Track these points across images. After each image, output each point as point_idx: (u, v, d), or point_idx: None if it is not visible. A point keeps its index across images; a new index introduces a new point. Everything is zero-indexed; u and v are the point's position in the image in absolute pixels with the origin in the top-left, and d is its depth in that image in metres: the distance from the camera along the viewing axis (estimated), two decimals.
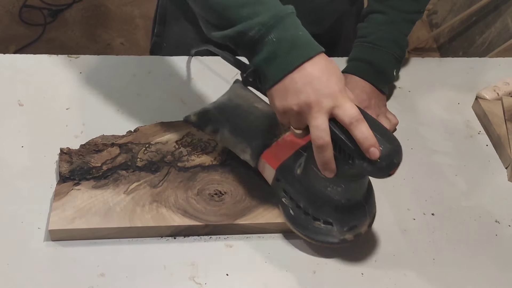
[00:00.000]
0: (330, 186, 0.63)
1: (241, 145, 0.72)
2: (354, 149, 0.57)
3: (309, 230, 0.66)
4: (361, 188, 0.65)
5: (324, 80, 0.57)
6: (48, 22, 2.29)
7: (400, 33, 0.87)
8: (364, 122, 0.56)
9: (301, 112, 0.57)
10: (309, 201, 0.65)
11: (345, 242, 0.65)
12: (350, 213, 0.65)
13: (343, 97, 0.57)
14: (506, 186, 0.80)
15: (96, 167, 0.71)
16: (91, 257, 0.64)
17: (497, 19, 2.13)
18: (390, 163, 0.57)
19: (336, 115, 0.57)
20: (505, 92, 0.92)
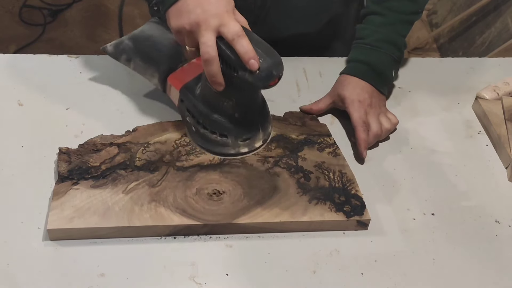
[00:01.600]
0: (223, 100, 0.69)
1: (150, 70, 0.80)
2: (236, 62, 0.63)
3: (208, 143, 0.72)
4: (253, 104, 0.71)
5: (212, 2, 0.64)
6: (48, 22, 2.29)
7: (398, 34, 0.88)
8: (245, 38, 0.63)
9: (192, 30, 0.64)
10: (207, 116, 0.71)
11: (240, 154, 0.72)
12: (244, 126, 0.71)
13: (228, 17, 0.64)
14: (506, 186, 0.80)
15: (94, 167, 0.71)
16: (91, 257, 0.64)
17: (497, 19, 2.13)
18: (269, 74, 0.64)
19: (222, 33, 0.63)
20: (505, 92, 0.92)
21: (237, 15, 0.66)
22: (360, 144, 0.79)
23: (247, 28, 0.66)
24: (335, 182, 0.74)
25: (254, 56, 0.62)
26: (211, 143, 0.72)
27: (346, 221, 0.69)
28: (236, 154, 0.72)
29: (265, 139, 0.73)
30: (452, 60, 1.05)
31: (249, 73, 0.63)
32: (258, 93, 0.71)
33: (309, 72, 0.96)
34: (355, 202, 0.71)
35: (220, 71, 0.65)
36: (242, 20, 0.67)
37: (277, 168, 0.75)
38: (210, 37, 0.63)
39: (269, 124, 0.74)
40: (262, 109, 0.73)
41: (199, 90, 0.73)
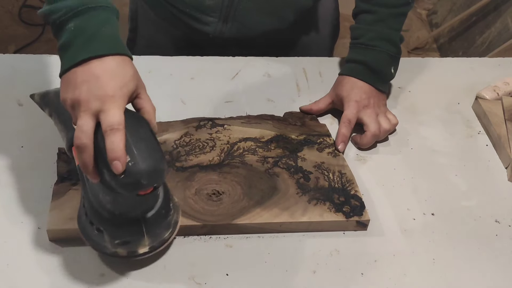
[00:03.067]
0: (101, 193, 0.59)
1: (62, 133, 0.69)
2: (102, 158, 0.54)
3: (86, 233, 0.62)
4: (136, 204, 0.60)
5: (101, 82, 0.55)
6: None
7: (391, 29, 0.87)
8: (119, 133, 0.53)
9: (73, 107, 0.56)
10: (89, 205, 0.61)
11: (117, 256, 0.61)
12: (123, 227, 0.61)
13: (112, 103, 0.55)
14: (506, 186, 0.80)
15: None
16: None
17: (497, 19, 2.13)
18: (135, 182, 0.54)
19: (100, 120, 0.55)
20: (505, 92, 0.92)
21: (142, 101, 0.59)
22: (337, 138, 0.81)
23: (149, 118, 0.59)
24: (334, 183, 0.74)
25: (120, 156, 0.53)
26: (89, 233, 0.62)
27: (345, 222, 0.69)
28: (111, 254, 0.61)
29: (155, 246, 0.62)
30: (452, 60, 1.05)
31: (111, 175, 0.53)
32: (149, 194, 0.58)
33: (309, 72, 0.96)
34: (355, 202, 0.71)
35: (91, 162, 0.55)
36: (147, 108, 0.59)
37: (276, 169, 0.75)
38: (87, 121, 0.54)
39: (164, 229, 0.63)
40: (154, 212, 0.61)
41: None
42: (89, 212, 0.61)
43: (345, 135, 0.81)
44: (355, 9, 0.91)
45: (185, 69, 0.93)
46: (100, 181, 0.56)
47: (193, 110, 0.84)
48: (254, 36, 0.96)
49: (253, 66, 0.96)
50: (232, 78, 0.93)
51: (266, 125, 0.82)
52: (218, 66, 0.94)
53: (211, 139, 0.78)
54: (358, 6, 0.90)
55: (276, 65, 0.97)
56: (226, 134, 0.79)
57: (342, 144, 0.80)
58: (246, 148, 0.77)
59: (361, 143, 0.82)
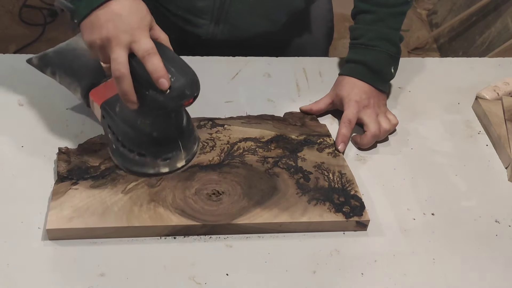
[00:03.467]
0: (140, 119, 0.65)
1: (74, 85, 0.77)
2: (147, 80, 0.60)
3: (127, 162, 0.68)
4: (172, 123, 0.66)
5: (125, 17, 0.61)
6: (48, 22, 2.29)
7: (390, 29, 0.87)
8: (156, 56, 0.59)
9: (103, 46, 0.61)
10: (124, 134, 0.67)
11: (160, 174, 0.67)
12: (163, 145, 0.67)
13: (140, 34, 0.60)
14: (506, 186, 0.80)
15: (94, 167, 0.71)
16: (91, 257, 0.64)
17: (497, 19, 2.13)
18: (180, 93, 0.60)
19: (133, 49, 0.60)
20: (505, 92, 0.92)
21: (156, 31, 0.64)
22: (337, 138, 0.81)
23: (167, 45, 0.64)
24: (334, 183, 0.74)
25: (164, 74, 0.59)
26: (130, 161, 0.67)
27: (345, 222, 0.69)
28: (155, 174, 0.67)
29: (189, 159, 0.68)
30: (452, 60, 1.05)
31: (159, 92, 0.60)
32: (177, 112, 0.66)
33: (309, 72, 0.96)
34: (355, 202, 0.71)
35: (132, 89, 0.61)
36: (162, 36, 0.64)
37: (276, 169, 0.75)
38: (121, 54, 0.60)
39: (193, 144, 0.69)
40: (184, 128, 0.68)
41: (118, 108, 0.69)
42: (127, 142, 0.67)
43: (345, 135, 0.81)
44: (354, 9, 0.91)
45: None
46: (140, 106, 0.62)
47: (193, 110, 0.84)
48: (247, 38, 0.96)
49: (253, 66, 0.96)
50: (232, 78, 0.93)
51: (266, 125, 0.82)
52: (218, 66, 0.94)
53: (211, 139, 0.78)
54: (356, 6, 0.90)
55: (276, 65, 0.97)
56: (226, 134, 0.79)
57: (342, 145, 0.80)
58: (246, 148, 0.77)
59: (361, 143, 0.82)
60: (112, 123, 0.69)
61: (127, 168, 0.68)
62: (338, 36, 1.10)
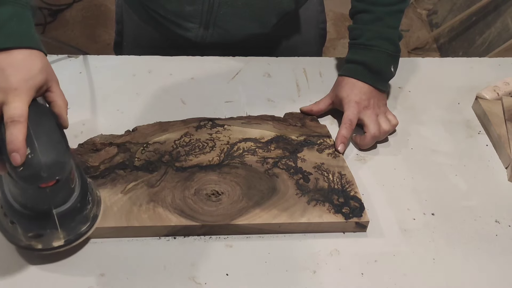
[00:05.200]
0: (11, 186, 0.59)
1: None
2: (5, 150, 0.54)
3: (2, 225, 0.62)
4: (46, 199, 0.58)
5: (6, 74, 0.55)
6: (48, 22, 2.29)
7: (389, 28, 0.87)
8: (19, 125, 0.54)
9: None
10: (3, 196, 0.61)
11: (32, 249, 0.61)
12: (35, 220, 0.60)
13: (16, 96, 0.55)
14: (506, 186, 0.80)
15: (94, 167, 0.71)
16: (91, 257, 0.64)
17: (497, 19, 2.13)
18: (34, 174, 0.54)
19: (3, 112, 0.55)
20: (505, 92, 0.92)
21: (53, 94, 0.59)
22: (337, 139, 0.80)
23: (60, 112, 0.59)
24: (334, 184, 0.74)
25: (19, 148, 0.53)
26: (4, 226, 0.61)
27: (344, 223, 0.69)
28: (27, 247, 0.61)
29: (71, 240, 0.61)
30: (452, 60, 1.05)
31: (11, 167, 0.54)
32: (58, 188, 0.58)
33: (309, 72, 0.96)
34: (354, 203, 0.71)
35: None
36: (59, 102, 0.59)
37: (276, 169, 0.75)
38: None
39: (80, 223, 0.62)
40: (70, 206, 0.60)
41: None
42: (4, 204, 0.61)
43: (345, 136, 0.80)
44: (351, 10, 0.91)
45: (185, 69, 0.93)
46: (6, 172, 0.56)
47: (193, 110, 0.84)
48: (236, 41, 0.95)
49: (253, 66, 0.96)
50: (232, 78, 0.93)
51: (266, 125, 0.82)
52: (218, 66, 0.94)
53: (211, 139, 0.78)
54: (354, 6, 0.90)
55: (276, 65, 0.97)
56: (226, 134, 0.79)
57: (342, 145, 0.80)
58: (246, 148, 0.77)
59: (361, 144, 0.82)
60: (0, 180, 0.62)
61: (2, 231, 0.62)
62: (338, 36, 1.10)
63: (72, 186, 0.61)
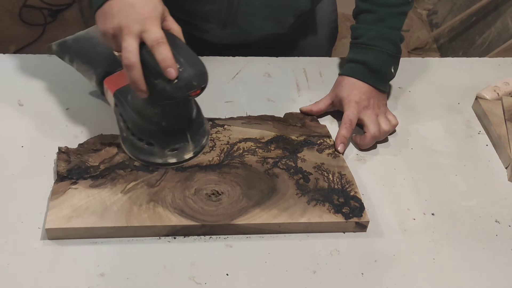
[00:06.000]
0: (149, 108, 0.66)
1: (89, 72, 0.79)
2: (155, 69, 0.61)
3: (136, 150, 0.69)
4: (181, 114, 0.68)
5: (136, 7, 0.62)
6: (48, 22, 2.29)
7: (391, 29, 0.87)
8: (165, 45, 0.61)
9: (115, 35, 0.63)
10: (135, 123, 0.69)
11: (167, 164, 0.69)
12: (171, 136, 0.68)
13: (151, 23, 0.62)
14: (506, 186, 0.80)
15: (93, 166, 0.71)
16: (91, 257, 0.64)
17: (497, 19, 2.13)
18: (188, 84, 0.61)
19: (143, 39, 0.62)
20: (505, 92, 0.92)
21: (169, 22, 0.65)
22: (337, 139, 0.81)
23: (179, 36, 0.65)
24: (334, 184, 0.74)
25: (172, 64, 0.60)
26: (138, 150, 0.69)
27: (344, 223, 0.69)
28: (163, 164, 0.69)
29: (197, 151, 0.70)
30: (452, 60, 1.05)
31: (167, 82, 0.61)
32: (186, 103, 0.68)
33: (309, 72, 0.96)
34: (354, 203, 0.71)
35: (141, 78, 0.62)
36: (175, 27, 0.65)
37: (276, 169, 0.75)
38: (132, 43, 0.61)
39: (202, 136, 0.71)
40: (194, 120, 0.70)
41: (129, 97, 0.70)
42: (136, 131, 0.69)
43: (345, 136, 0.80)
44: (355, 9, 0.91)
45: None
46: (149, 95, 0.63)
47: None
48: (253, 41, 0.96)
49: (253, 66, 0.96)
50: (232, 78, 0.93)
51: (266, 125, 0.82)
52: (218, 66, 0.94)
53: (211, 139, 0.78)
54: (358, 6, 0.90)
55: (276, 65, 0.97)
56: (226, 134, 0.79)
57: (342, 146, 0.80)
58: (246, 148, 0.77)
59: (360, 144, 0.82)
60: (123, 112, 0.70)
61: (136, 156, 0.69)
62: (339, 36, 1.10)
63: (192, 103, 0.69)
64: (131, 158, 0.70)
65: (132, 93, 0.69)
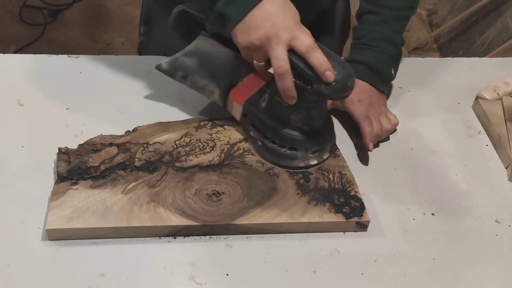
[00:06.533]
0: (293, 114, 0.69)
1: (210, 87, 0.78)
2: (311, 74, 0.63)
3: (277, 157, 0.72)
4: (321, 115, 0.72)
5: (281, 16, 0.63)
6: (48, 22, 2.29)
7: (393, 31, 0.87)
8: (319, 50, 0.62)
9: (262, 45, 0.64)
10: (274, 130, 0.71)
11: (309, 166, 0.73)
12: (312, 138, 0.72)
13: (298, 30, 0.63)
14: (506, 186, 0.80)
15: (94, 167, 0.71)
16: (91, 257, 0.64)
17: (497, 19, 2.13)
18: (344, 85, 0.64)
19: (294, 46, 0.63)
20: (505, 92, 0.92)
21: (303, 28, 0.66)
22: (366, 137, 0.79)
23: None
24: (334, 183, 0.74)
25: (329, 67, 0.62)
26: (280, 157, 0.73)
27: (345, 223, 0.69)
28: (305, 166, 0.73)
29: (331, 150, 0.75)
30: (452, 60, 1.05)
31: (324, 85, 0.63)
32: (325, 105, 0.72)
33: None
34: (355, 203, 0.71)
35: (293, 85, 0.64)
36: (307, 31, 0.66)
37: (276, 169, 0.75)
38: (282, 51, 0.62)
39: (334, 134, 0.76)
40: (327, 120, 0.74)
41: (264, 104, 0.73)
42: (277, 138, 0.72)
43: (371, 133, 0.80)
44: (359, 10, 0.91)
45: None
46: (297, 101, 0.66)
47: (193, 110, 0.84)
48: None
49: None
50: None
51: None
52: None
53: (211, 139, 0.78)
54: (362, 6, 0.90)
55: None
56: (226, 134, 0.79)
57: (371, 144, 0.79)
58: (246, 148, 0.77)
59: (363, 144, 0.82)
60: (256, 121, 0.73)
61: (277, 163, 0.73)
62: None
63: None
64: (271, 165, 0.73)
65: (269, 101, 0.72)
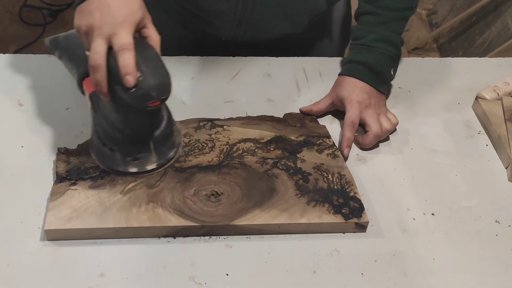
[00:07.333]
0: (114, 114, 0.66)
1: (72, 70, 0.78)
2: (116, 75, 0.60)
3: (99, 155, 0.70)
4: (145, 124, 0.67)
5: (112, 10, 0.62)
6: (48, 22, 2.29)
7: (392, 32, 0.87)
8: (130, 52, 0.60)
9: (87, 33, 0.63)
10: (101, 128, 0.69)
11: (128, 172, 0.69)
12: (133, 145, 0.68)
13: (122, 28, 0.61)
14: (506, 186, 0.80)
15: (93, 167, 0.71)
16: (91, 257, 0.64)
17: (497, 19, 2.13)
18: (145, 94, 0.61)
19: (111, 42, 0.61)
20: (505, 92, 0.92)
21: (148, 30, 0.65)
22: (343, 142, 0.80)
23: (155, 45, 0.64)
24: (333, 184, 0.74)
25: (131, 72, 0.60)
26: (101, 154, 0.70)
27: (344, 223, 0.69)
28: (122, 172, 0.69)
29: (161, 164, 0.70)
30: (452, 60, 1.05)
31: (124, 89, 0.60)
32: (152, 112, 0.66)
33: (309, 72, 0.96)
34: (354, 204, 0.71)
35: (105, 81, 0.62)
36: (153, 36, 0.65)
37: (275, 170, 0.75)
38: (100, 44, 0.61)
39: (168, 149, 0.70)
40: (161, 131, 0.69)
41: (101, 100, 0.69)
42: (102, 135, 0.69)
43: (350, 138, 0.80)
44: (358, 10, 0.91)
45: (185, 69, 0.93)
46: (111, 99, 0.63)
47: (193, 110, 0.84)
48: (267, 40, 0.96)
49: (253, 66, 0.96)
50: (232, 78, 0.93)
51: (265, 126, 0.82)
52: (218, 66, 0.94)
53: (211, 140, 0.78)
54: (361, 7, 0.90)
55: (276, 65, 0.97)
56: (226, 135, 0.79)
57: (348, 149, 0.80)
58: (246, 149, 0.77)
59: (363, 143, 0.82)
60: (94, 114, 0.70)
61: (99, 160, 0.70)
62: None
63: (162, 114, 0.68)
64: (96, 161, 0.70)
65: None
